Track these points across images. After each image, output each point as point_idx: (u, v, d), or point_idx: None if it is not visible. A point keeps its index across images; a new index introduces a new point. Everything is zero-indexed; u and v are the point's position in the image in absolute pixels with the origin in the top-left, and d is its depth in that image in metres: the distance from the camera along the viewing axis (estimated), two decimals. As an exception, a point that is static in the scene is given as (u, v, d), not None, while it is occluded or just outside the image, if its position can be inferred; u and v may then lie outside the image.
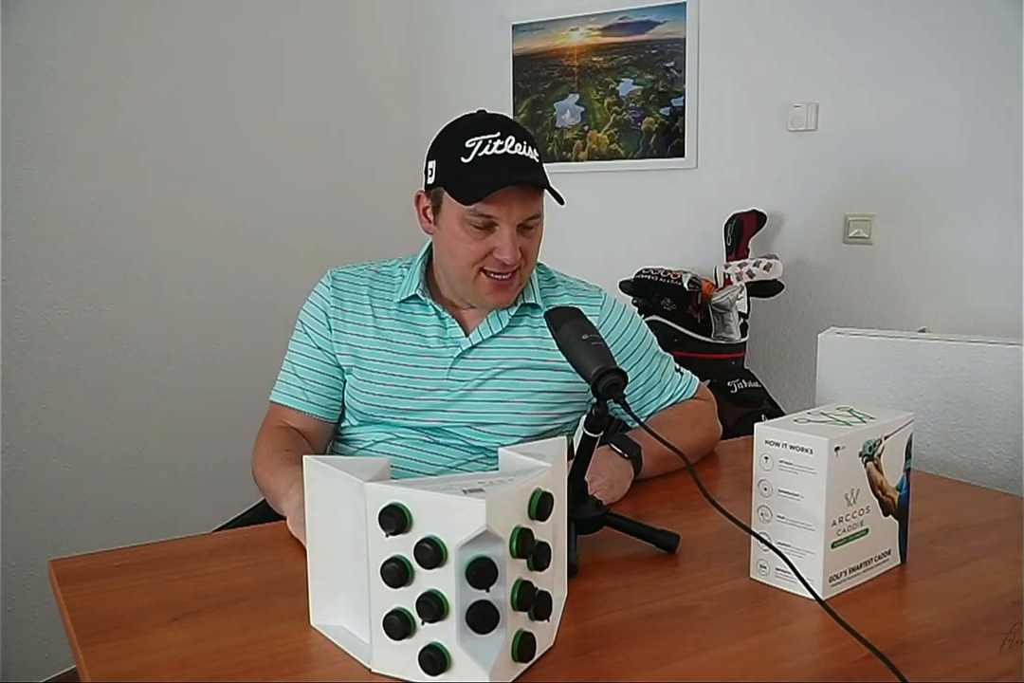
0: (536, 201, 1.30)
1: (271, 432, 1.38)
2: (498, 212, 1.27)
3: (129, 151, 2.37)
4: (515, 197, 1.27)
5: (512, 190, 1.26)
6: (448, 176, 1.30)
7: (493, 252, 1.29)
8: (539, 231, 1.35)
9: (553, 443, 0.89)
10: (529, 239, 1.32)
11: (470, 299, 1.38)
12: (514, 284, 1.34)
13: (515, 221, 1.29)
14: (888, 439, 0.96)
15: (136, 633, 0.86)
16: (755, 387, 2.38)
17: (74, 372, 2.28)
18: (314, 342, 1.41)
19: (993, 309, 2.28)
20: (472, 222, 1.28)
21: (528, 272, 1.37)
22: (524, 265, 1.33)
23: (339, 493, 0.83)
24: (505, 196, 1.26)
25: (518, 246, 1.29)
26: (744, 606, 0.92)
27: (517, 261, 1.30)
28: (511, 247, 1.28)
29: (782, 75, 2.56)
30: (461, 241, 1.30)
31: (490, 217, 1.28)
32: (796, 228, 2.60)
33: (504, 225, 1.28)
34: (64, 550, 1.12)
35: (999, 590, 0.95)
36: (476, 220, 1.28)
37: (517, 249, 1.29)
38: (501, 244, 1.28)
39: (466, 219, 1.29)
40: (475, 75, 3.10)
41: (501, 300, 1.35)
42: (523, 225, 1.30)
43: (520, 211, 1.28)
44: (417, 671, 0.75)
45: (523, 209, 1.29)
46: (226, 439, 2.57)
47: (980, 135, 2.28)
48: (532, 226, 1.32)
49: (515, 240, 1.29)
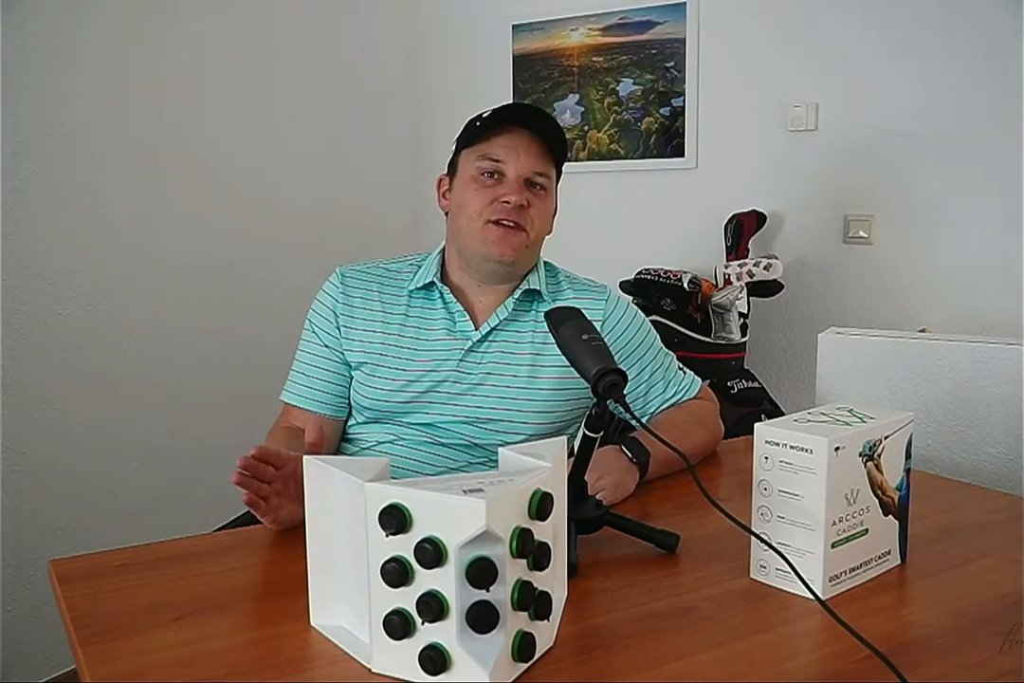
0: (545, 161, 1.37)
1: (275, 433, 1.40)
2: (506, 155, 1.34)
3: (129, 149, 2.37)
4: (523, 144, 1.34)
5: (521, 140, 1.34)
6: (465, 137, 1.38)
7: (501, 198, 1.34)
8: (548, 201, 1.39)
9: (553, 443, 0.89)
10: (537, 198, 1.36)
11: (475, 255, 1.38)
12: (519, 239, 1.35)
13: (522, 170, 1.34)
14: (888, 439, 0.96)
15: (136, 633, 0.86)
16: (755, 387, 2.38)
17: (74, 372, 2.28)
18: (321, 340, 1.41)
19: (993, 309, 2.28)
20: (482, 169, 1.35)
21: (535, 237, 1.38)
22: (531, 225, 1.36)
23: (339, 493, 0.83)
24: (513, 141, 1.34)
25: (525, 195, 1.34)
26: (744, 606, 0.92)
27: (521, 200, 1.33)
28: (516, 188, 1.33)
29: (782, 75, 2.56)
30: (472, 191, 1.36)
31: (498, 162, 1.34)
32: (796, 228, 2.60)
33: (510, 171, 1.34)
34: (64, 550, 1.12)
35: (999, 590, 0.95)
36: (485, 165, 1.34)
37: (523, 195, 1.33)
38: (507, 188, 1.33)
39: (478, 167, 1.35)
40: (475, 75, 3.10)
41: (504, 251, 1.35)
42: (531, 181, 1.36)
43: (528, 160, 1.34)
44: (417, 671, 0.75)
45: (530, 159, 1.35)
46: (228, 439, 2.56)
47: (980, 135, 2.28)
48: (539, 185, 1.37)
49: (521, 186, 1.34)
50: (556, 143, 1.38)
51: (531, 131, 1.35)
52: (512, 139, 1.35)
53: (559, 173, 1.42)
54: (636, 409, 1.44)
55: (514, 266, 1.38)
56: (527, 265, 1.42)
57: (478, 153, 1.36)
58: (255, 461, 1.03)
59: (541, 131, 1.36)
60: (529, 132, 1.35)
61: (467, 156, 1.38)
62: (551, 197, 1.41)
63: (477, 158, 1.36)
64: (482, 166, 1.35)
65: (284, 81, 2.78)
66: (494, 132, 1.35)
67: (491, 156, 1.35)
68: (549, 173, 1.38)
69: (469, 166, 1.37)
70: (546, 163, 1.37)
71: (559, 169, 1.42)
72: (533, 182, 1.36)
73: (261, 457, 1.04)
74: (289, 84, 2.79)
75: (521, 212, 1.34)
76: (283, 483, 1.06)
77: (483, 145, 1.35)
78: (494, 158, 1.34)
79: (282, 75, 2.77)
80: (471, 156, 1.37)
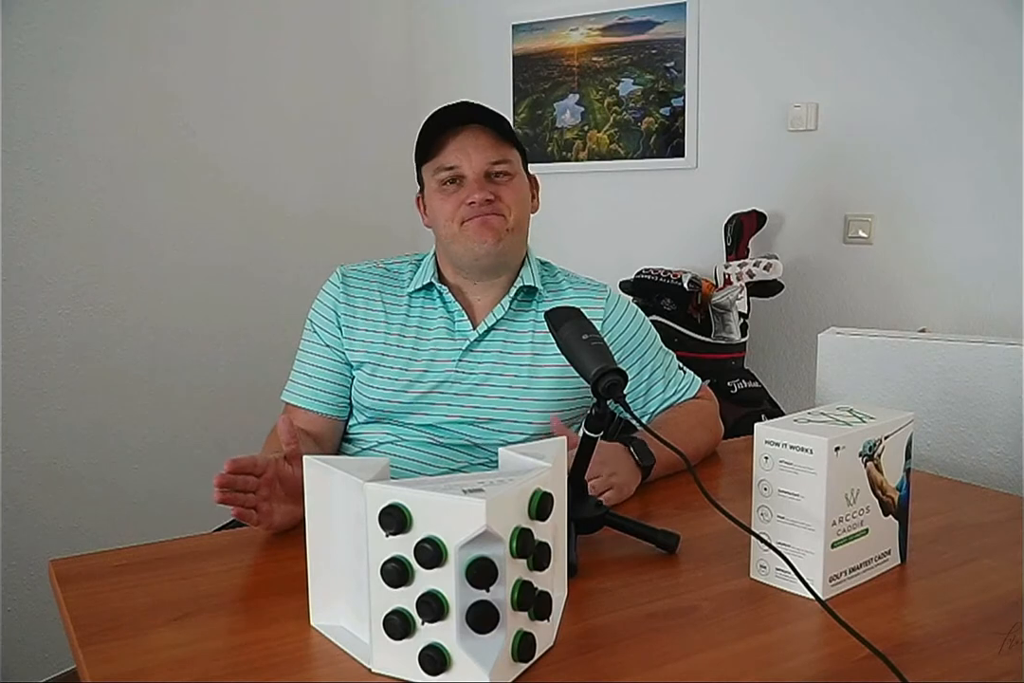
0: (498, 149, 1.36)
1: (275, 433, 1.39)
2: (459, 159, 1.34)
3: (129, 149, 2.37)
4: (470, 142, 1.34)
5: (466, 138, 1.34)
6: (418, 154, 1.39)
7: (465, 200, 1.34)
8: (516, 184, 1.39)
9: (553, 443, 0.89)
10: (503, 187, 1.36)
11: (466, 259, 1.38)
12: (497, 221, 1.35)
13: (477, 167, 1.34)
14: (888, 439, 0.96)
15: (136, 633, 0.86)
16: (755, 387, 2.38)
17: (74, 372, 2.28)
18: (323, 340, 1.41)
19: (993, 309, 2.28)
20: (442, 179, 1.36)
21: (515, 221, 1.37)
22: (508, 211, 1.36)
23: (339, 493, 0.83)
24: (460, 142, 1.34)
25: (488, 190, 1.34)
26: (744, 606, 0.92)
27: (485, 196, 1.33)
28: (476, 187, 1.34)
29: (782, 75, 2.56)
30: (439, 202, 1.37)
31: (454, 168, 1.34)
32: (796, 228, 2.60)
33: (467, 172, 1.34)
34: (64, 550, 1.12)
35: (999, 590, 0.95)
36: (443, 175, 1.35)
37: (486, 190, 1.34)
38: (468, 190, 1.34)
39: (438, 180, 1.36)
40: (475, 75, 3.10)
41: (486, 237, 1.34)
42: (490, 174, 1.35)
43: (479, 156, 1.34)
44: (417, 671, 0.75)
45: (482, 153, 1.34)
46: (229, 439, 2.57)
47: (980, 135, 2.28)
48: (500, 173, 1.36)
49: (482, 184, 1.34)
50: (506, 126, 1.37)
51: (475, 124, 1.35)
52: (458, 141, 1.34)
53: (522, 150, 1.42)
54: (636, 409, 1.44)
55: (503, 253, 1.37)
56: (516, 252, 1.41)
57: (434, 166, 1.37)
58: (232, 476, 1.02)
59: (486, 121, 1.35)
60: (474, 126, 1.35)
61: (426, 171, 1.40)
62: (518, 179, 1.39)
63: (435, 171, 1.37)
64: (441, 177, 1.36)
65: (284, 81, 2.78)
66: (440, 140, 1.35)
67: (445, 165, 1.35)
68: (508, 157, 1.37)
69: (431, 180, 1.39)
70: (500, 150, 1.36)
71: (520, 147, 1.41)
72: (493, 173, 1.36)
73: (237, 469, 1.03)
74: (289, 84, 2.79)
75: (491, 204, 1.34)
76: (268, 488, 1.06)
77: (436, 157, 1.36)
78: (448, 166, 1.35)
79: (282, 75, 2.77)
80: (429, 170, 1.38)
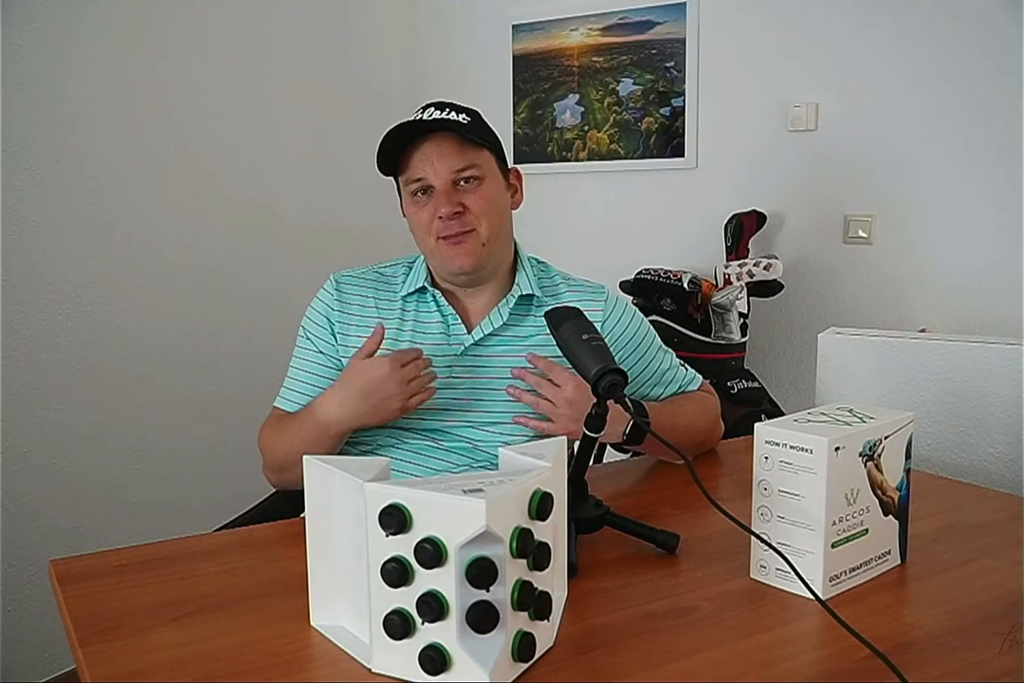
0: (463, 154, 1.32)
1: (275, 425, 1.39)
2: (423, 171, 1.32)
3: (129, 150, 2.37)
4: (433, 152, 1.31)
5: (429, 148, 1.32)
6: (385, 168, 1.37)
7: (436, 213, 1.32)
8: (487, 189, 1.35)
9: (553, 443, 0.89)
10: (471, 194, 1.33)
11: (446, 274, 1.38)
12: (470, 244, 1.33)
13: (442, 177, 1.32)
14: (888, 439, 0.96)
15: (136, 633, 0.86)
16: (755, 387, 2.38)
17: (74, 372, 2.28)
18: (317, 347, 1.41)
19: (993, 309, 2.28)
20: (412, 190, 1.34)
21: (489, 233, 1.34)
22: (478, 223, 1.33)
23: (339, 493, 0.83)
24: (424, 153, 1.31)
25: (455, 201, 1.31)
26: (744, 606, 0.92)
27: (452, 209, 1.31)
28: (443, 199, 1.31)
29: (782, 75, 2.56)
30: (413, 213, 1.36)
31: (420, 180, 1.32)
32: (796, 228, 2.60)
33: (434, 181, 1.32)
34: (64, 550, 1.12)
35: (999, 590, 0.95)
36: (412, 187, 1.34)
37: (452, 202, 1.31)
38: (435, 202, 1.32)
39: (409, 191, 1.35)
40: (475, 75, 3.10)
41: (462, 263, 1.33)
42: (458, 180, 1.33)
43: (442, 165, 1.31)
44: (417, 671, 0.75)
45: (444, 161, 1.31)
46: (228, 440, 2.57)
47: (980, 135, 2.28)
48: (468, 178, 1.33)
49: (449, 194, 1.32)
50: (470, 127, 1.33)
51: (434, 132, 1.32)
52: (422, 152, 1.32)
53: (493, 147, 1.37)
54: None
55: (482, 269, 1.37)
56: (499, 259, 1.40)
57: (404, 179, 1.35)
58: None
59: (445, 127, 1.31)
60: (437, 134, 1.32)
61: (401, 181, 1.38)
62: (489, 181, 1.35)
63: (405, 183, 1.36)
64: (411, 188, 1.34)
65: (284, 83, 2.78)
66: (404, 153, 1.33)
67: (412, 177, 1.33)
68: (474, 161, 1.33)
69: (404, 191, 1.37)
70: (465, 154, 1.32)
71: (491, 144, 1.36)
72: (460, 180, 1.33)
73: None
74: (289, 85, 2.79)
75: (460, 218, 1.32)
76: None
77: (404, 170, 1.34)
78: (415, 178, 1.33)
79: (282, 77, 2.77)
80: (402, 181, 1.37)
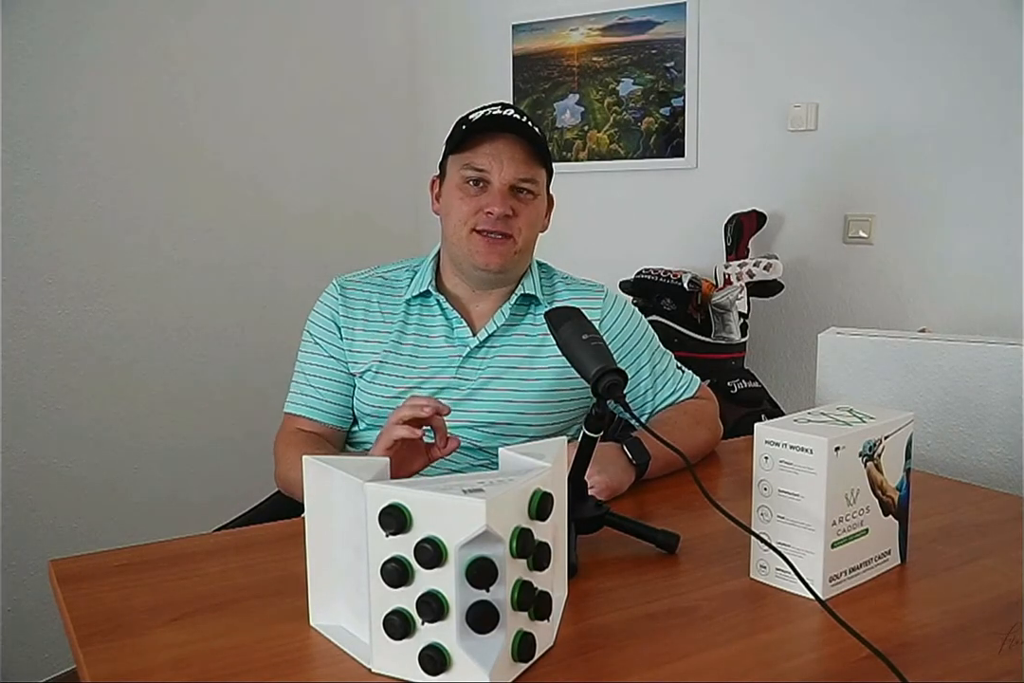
0: (530, 166, 1.35)
1: (292, 440, 1.38)
2: (489, 164, 1.33)
3: (130, 150, 2.37)
4: (506, 152, 1.33)
5: (504, 147, 1.33)
6: (451, 142, 1.38)
7: (484, 208, 1.33)
8: (537, 204, 1.38)
9: (553, 443, 0.89)
10: (523, 204, 1.36)
11: (466, 265, 1.38)
12: (505, 247, 1.35)
13: (506, 178, 1.33)
14: (888, 439, 0.96)
15: (136, 633, 0.86)
16: (755, 387, 2.38)
17: (74, 372, 2.28)
18: (325, 351, 1.41)
19: (993, 309, 2.28)
20: (467, 177, 1.35)
21: (524, 243, 1.37)
22: (519, 232, 1.35)
23: (339, 493, 0.83)
24: (496, 149, 1.33)
25: (509, 204, 1.33)
26: (744, 606, 0.92)
27: (505, 211, 1.33)
28: (499, 199, 1.33)
29: (782, 75, 2.56)
30: (457, 199, 1.36)
31: (482, 171, 1.34)
32: (796, 228, 2.60)
33: (495, 180, 1.34)
34: (64, 550, 1.12)
35: (999, 590, 0.94)
36: (469, 173, 1.34)
37: (507, 204, 1.33)
38: (491, 198, 1.33)
39: (462, 176, 1.35)
40: (475, 75, 3.10)
41: (490, 261, 1.35)
42: (516, 188, 1.35)
43: (511, 168, 1.33)
44: (417, 671, 0.75)
45: (514, 166, 1.33)
46: (228, 440, 2.58)
47: (980, 135, 2.28)
48: (525, 190, 1.36)
49: (505, 196, 1.34)
50: (542, 145, 1.37)
51: (515, 136, 1.34)
52: (495, 146, 1.33)
53: (550, 171, 1.41)
54: (635, 409, 1.44)
55: (504, 273, 1.38)
56: (519, 270, 1.42)
57: (463, 161, 1.35)
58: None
59: (526, 135, 1.35)
60: (513, 137, 1.34)
61: (453, 162, 1.38)
62: (540, 200, 1.39)
63: (462, 166, 1.35)
64: (466, 174, 1.35)
65: (285, 82, 2.78)
66: (478, 139, 1.34)
67: (475, 165, 1.34)
68: (536, 177, 1.37)
69: (455, 173, 1.37)
70: (531, 167, 1.36)
71: (549, 167, 1.40)
72: (519, 188, 1.35)
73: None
74: (290, 85, 2.79)
75: (507, 221, 1.34)
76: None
77: (468, 153, 1.35)
78: (478, 167, 1.34)
79: (283, 76, 2.77)
80: (457, 163, 1.37)
